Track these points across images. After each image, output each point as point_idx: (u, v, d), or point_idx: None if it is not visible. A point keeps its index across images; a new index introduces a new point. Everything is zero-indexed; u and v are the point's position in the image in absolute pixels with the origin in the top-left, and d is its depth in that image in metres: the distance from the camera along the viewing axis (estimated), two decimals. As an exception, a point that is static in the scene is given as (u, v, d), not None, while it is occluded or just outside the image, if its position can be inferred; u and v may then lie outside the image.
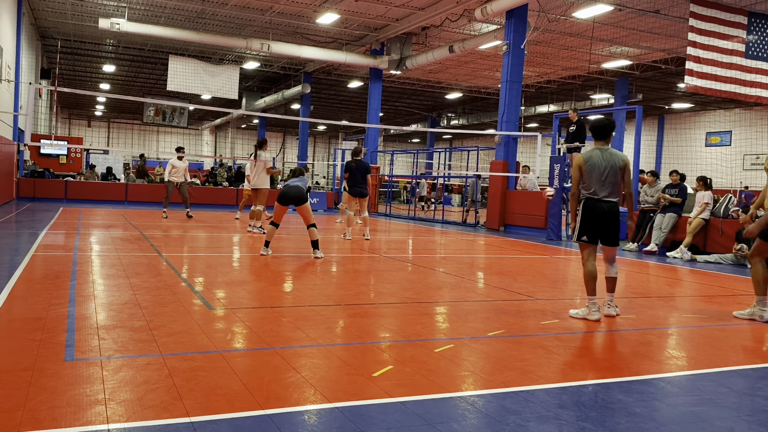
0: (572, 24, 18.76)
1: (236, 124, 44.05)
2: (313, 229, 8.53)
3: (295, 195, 8.53)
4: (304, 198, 8.55)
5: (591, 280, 5.17)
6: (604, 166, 5.11)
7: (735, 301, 6.61)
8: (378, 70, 23.17)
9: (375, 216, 20.11)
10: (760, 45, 14.30)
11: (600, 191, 5.12)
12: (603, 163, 5.12)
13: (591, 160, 5.15)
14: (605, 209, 5.13)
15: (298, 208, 8.58)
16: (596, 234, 5.19)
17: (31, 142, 13.13)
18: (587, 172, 5.15)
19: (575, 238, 5.29)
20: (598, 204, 5.13)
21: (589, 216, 5.16)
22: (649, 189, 12.09)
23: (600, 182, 5.12)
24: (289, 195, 8.52)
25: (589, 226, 5.17)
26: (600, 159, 5.14)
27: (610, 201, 5.15)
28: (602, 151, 5.20)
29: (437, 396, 3.14)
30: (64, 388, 2.97)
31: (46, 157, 23.54)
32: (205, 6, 19.33)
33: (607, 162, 5.13)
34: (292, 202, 8.52)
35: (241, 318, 4.67)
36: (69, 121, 47.82)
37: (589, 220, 5.16)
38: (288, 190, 8.52)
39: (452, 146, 42.06)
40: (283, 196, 8.49)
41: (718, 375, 3.82)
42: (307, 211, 8.56)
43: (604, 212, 5.12)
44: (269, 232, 8.52)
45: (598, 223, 5.14)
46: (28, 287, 5.43)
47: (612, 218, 5.14)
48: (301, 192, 8.54)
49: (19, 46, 18.05)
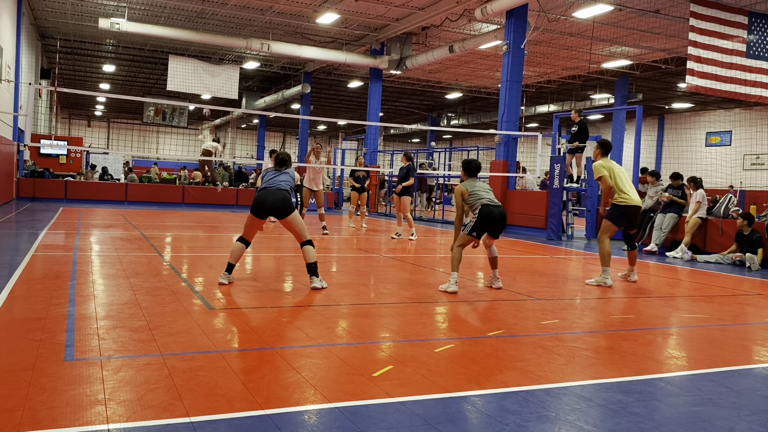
0: (572, 24, 18.76)
1: (236, 124, 44.05)
2: (308, 248, 5.94)
3: (276, 204, 5.90)
4: (289, 207, 5.94)
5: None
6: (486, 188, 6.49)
7: (735, 302, 6.61)
8: (378, 70, 23.18)
9: (375, 216, 20.11)
10: (761, 45, 14.30)
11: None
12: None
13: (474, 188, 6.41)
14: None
15: (283, 221, 6.00)
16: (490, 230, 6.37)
17: (31, 142, 13.13)
18: (470, 194, 6.35)
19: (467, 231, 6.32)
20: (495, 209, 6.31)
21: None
22: (650, 189, 12.09)
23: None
24: (267, 204, 5.90)
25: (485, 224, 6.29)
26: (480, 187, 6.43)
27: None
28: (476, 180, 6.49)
29: (437, 396, 3.14)
30: (64, 388, 2.97)
31: (46, 157, 23.55)
32: (205, 6, 19.33)
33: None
34: (271, 213, 5.96)
35: (241, 318, 4.66)
36: (69, 121, 47.83)
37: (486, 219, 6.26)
38: (264, 197, 5.91)
39: (452, 146, 42.07)
40: (259, 206, 5.92)
41: (718, 375, 3.82)
42: (297, 224, 5.98)
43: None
44: (234, 252, 5.97)
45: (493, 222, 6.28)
46: (28, 287, 5.43)
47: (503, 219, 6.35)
48: (285, 200, 5.94)
49: (19, 46, 18.05)
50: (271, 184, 6.01)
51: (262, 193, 5.97)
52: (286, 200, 5.95)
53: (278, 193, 5.94)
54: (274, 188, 5.97)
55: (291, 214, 5.94)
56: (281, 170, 6.17)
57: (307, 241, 5.97)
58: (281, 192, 5.96)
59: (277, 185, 6.00)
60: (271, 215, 5.98)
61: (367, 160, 22.39)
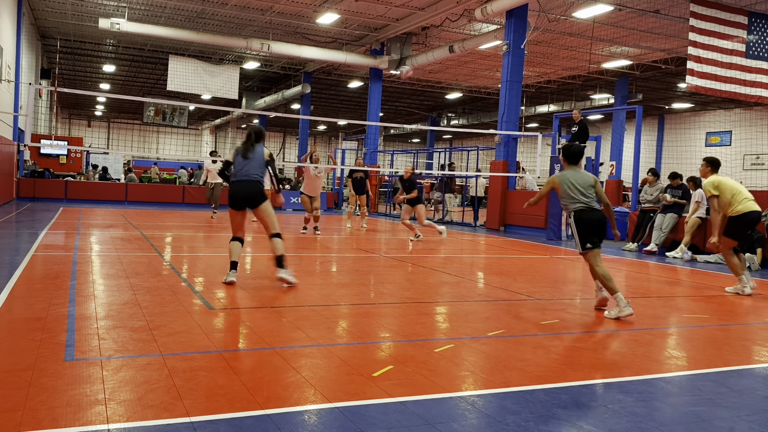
0: (572, 24, 18.75)
1: (236, 124, 44.03)
2: (277, 240, 5.99)
3: (249, 195, 5.96)
4: (261, 197, 5.96)
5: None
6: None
7: (735, 301, 6.60)
8: (378, 70, 23.17)
9: (375, 216, 20.12)
10: (761, 45, 14.30)
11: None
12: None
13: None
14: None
15: (254, 211, 6.05)
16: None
17: (31, 143, 13.14)
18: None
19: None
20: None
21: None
22: (650, 188, 12.09)
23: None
24: (240, 196, 5.99)
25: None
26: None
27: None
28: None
29: (437, 396, 3.14)
30: (64, 388, 2.97)
31: (46, 157, 23.55)
32: (205, 6, 19.33)
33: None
34: (246, 204, 6.04)
35: (241, 318, 4.66)
36: (69, 121, 47.82)
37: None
38: (237, 190, 5.99)
39: (452, 146, 42.07)
40: (233, 199, 6.02)
41: (718, 375, 3.82)
42: (268, 215, 6.02)
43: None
44: (233, 250, 6.07)
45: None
46: (28, 287, 5.43)
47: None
48: (257, 191, 5.96)
49: (19, 46, 18.05)
50: (242, 176, 6.00)
51: (234, 186, 6.01)
52: (258, 191, 5.98)
53: (250, 184, 5.97)
54: (246, 180, 5.98)
55: (262, 204, 5.98)
56: (249, 155, 6.02)
57: (276, 233, 6.00)
58: (253, 183, 5.98)
59: (248, 176, 5.98)
60: (246, 206, 6.03)
61: (367, 161, 22.38)
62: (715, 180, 7.09)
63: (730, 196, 6.97)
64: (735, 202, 6.96)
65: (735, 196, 6.97)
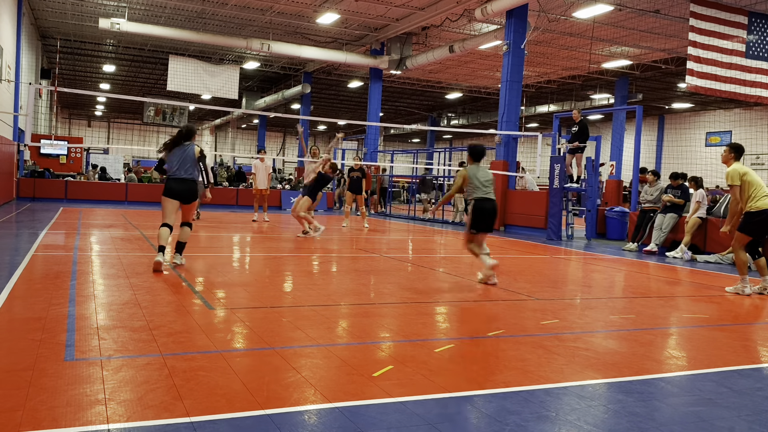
0: (572, 24, 18.75)
1: (236, 124, 44.05)
2: (186, 229, 6.97)
3: (185, 192, 6.76)
4: (194, 196, 6.85)
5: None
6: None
7: (735, 301, 6.60)
8: (378, 70, 23.17)
9: (375, 216, 20.11)
10: (761, 45, 14.30)
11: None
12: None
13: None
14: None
15: (184, 205, 6.91)
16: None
17: (31, 142, 13.14)
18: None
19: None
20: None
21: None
22: (650, 188, 12.09)
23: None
24: (176, 192, 6.74)
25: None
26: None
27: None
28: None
29: (437, 396, 3.14)
30: (64, 388, 2.97)
31: (46, 157, 23.53)
32: (205, 6, 19.33)
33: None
34: (180, 199, 6.79)
35: (241, 318, 4.66)
36: (69, 121, 47.84)
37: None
38: (175, 187, 6.72)
39: (452, 146, 42.06)
40: (169, 192, 6.76)
41: (718, 375, 3.82)
42: (190, 209, 7.00)
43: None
44: (161, 236, 6.67)
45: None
46: (28, 287, 5.43)
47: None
48: (192, 190, 6.80)
49: (19, 46, 18.06)
50: (180, 174, 6.70)
51: (172, 182, 6.71)
52: (192, 190, 6.78)
53: (187, 182, 6.74)
54: (183, 177, 6.71)
55: (193, 201, 6.88)
56: (180, 152, 6.68)
57: (187, 222, 6.96)
58: (189, 181, 6.74)
59: (186, 175, 6.72)
60: (180, 200, 6.77)
61: (367, 161, 22.37)
62: (741, 169, 6.85)
63: (752, 189, 6.76)
64: (756, 197, 6.74)
65: (757, 190, 6.76)
